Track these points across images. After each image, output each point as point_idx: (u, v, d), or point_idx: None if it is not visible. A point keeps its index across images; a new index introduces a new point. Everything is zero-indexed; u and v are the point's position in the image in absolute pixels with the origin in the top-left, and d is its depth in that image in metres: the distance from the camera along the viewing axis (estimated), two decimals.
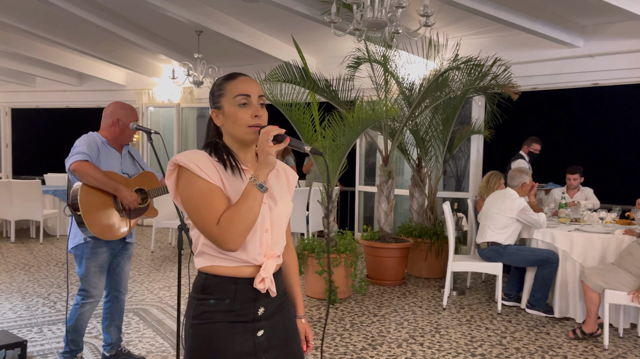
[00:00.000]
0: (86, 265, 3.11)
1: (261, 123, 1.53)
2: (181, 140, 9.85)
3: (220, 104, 1.56)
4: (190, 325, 1.53)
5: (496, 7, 5.26)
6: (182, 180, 1.49)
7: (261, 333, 1.55)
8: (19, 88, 10.72)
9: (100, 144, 3.11)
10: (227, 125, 1.55)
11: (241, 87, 1.54)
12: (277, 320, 1.61)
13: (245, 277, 1.52)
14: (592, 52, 6.12)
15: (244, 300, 1.52)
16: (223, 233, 1.42)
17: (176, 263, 6.54)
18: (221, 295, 1.51)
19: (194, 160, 1.48)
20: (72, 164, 2.93)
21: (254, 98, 1.54)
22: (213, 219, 1.43)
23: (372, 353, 3.71)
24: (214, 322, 1.50)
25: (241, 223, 1.43)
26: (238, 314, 1.52)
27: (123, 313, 3.45)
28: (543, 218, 4.66)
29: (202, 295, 1.52)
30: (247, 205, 1.43)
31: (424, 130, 6.39)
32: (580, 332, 4.05)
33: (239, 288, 1.52)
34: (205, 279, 1.53)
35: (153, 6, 5.70)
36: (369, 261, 5.77)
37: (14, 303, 4.73)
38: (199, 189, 1.46)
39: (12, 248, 7.28)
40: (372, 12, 3.83)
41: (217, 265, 1.52)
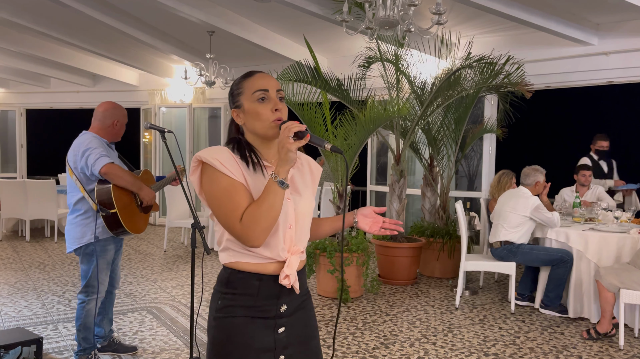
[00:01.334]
0: (97, 261, 3.20)
1: (282, 117, 1.53)
2: (193, 141, 9.90)
3: (240, 102, 1.57)
4: (214, 318, 1.55)
5: (509, 5, 5.22)
6: (205, 177, 1.50)
7: (282, 330, 1.56)
8: (33, 89, 10.85)
9: (105, 145, 3.25)
10: (249, 122, 1.56)
11: (259, 83, 1.55)
12: (298, 318, 1.61)
13: (269, 274, 1.53)
14: (607, 49, 6.06)
15: (267, 297, 1.53)
16: (246, 230, 1.43)
17: (188, 262, 6.58)
18: (245, 290, 1.52)
19: (216, 156, 1.48)
20: (103, 167, 3.05)
21: (272, 92, 1.55)
22: (236, 216, 1.44)
23: (385, 352, 3.71)
24: (235, 316, 1.52)
25: (263, 221, 1.43)
26: (260, 311, 1.53)
27: (113, 306, 3.59)
28: (557, 217, 4.61)
29: (225, 289, 1.54)
30: (268, 202, 1.43)
31: (436, 129, 6.36)
32: (594, 332, 4.01)
33: (263, 284, 1.52)
34: (229, 274, 1.54)
35: (166, 7, 5.74)
36: (380, 260, 5.76)
37: (30, 301, 4.79)
38: (222, 185, 1.46)
39: (27, 247, 7.37)
40: (384, 11, 3.82)
41: (241, 261, 1.53)
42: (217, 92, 9.55)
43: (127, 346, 3.60)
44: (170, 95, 9.91)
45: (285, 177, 1.44)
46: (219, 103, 9.78)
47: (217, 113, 9.95)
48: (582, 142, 7.49)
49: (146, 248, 7.46)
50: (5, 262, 6.38)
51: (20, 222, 8.40)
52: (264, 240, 1.46)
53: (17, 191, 7.65)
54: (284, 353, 1.56)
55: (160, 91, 9.94)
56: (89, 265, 3.21)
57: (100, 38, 7.83)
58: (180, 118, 10.01)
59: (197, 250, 7.13)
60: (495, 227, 4.89)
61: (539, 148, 7.84)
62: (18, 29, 7.54)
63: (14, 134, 11.08)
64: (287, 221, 1.53)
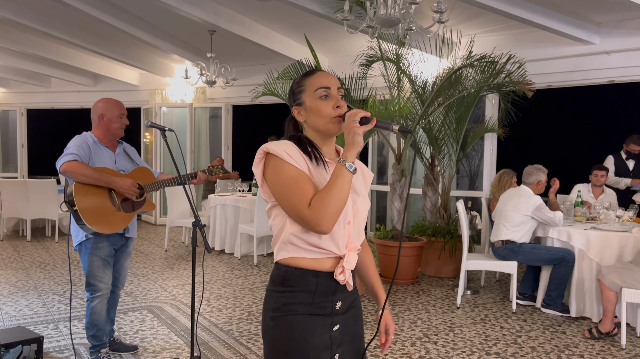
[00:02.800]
0: (89, 259, 3.18)
1: (343, 113, 1.55)
2: (194, 140, 9.90)
3: (302, 100, 1.59)
4: (271, 318, 1.54)
5: (510, 4, 5.21)
6: (270, 167, 1.51)
7: (337, 328, 1.57)
8: (34, 89, 10.85)
9: (91, 144, 3.16)
10: (310, 118, 1.58)
11: (320, 81, 1.58)
12: (350, 316, 1.63)
13: (325, 271, 1.54)
14: (609, 48, 6.04)
15: (323, 293, 1.54)
16: (316, 214, 1.43)
17: (189, 261, 6.57)
18: (303, 287, 1.52)
19: (283, 148, 1.50)
20: (62, 166, 3.00)
21: (334, 90, 1.58)
22: (305, 202, 1.45)
23: (386, 351, 3.69)
24: (295, 314, 1.52)
25: (333, 203, 1.43)
26: (318, 307, 1.54)
27: (117, 306, 3.56)
28: (559, 217, 4.60)
29: (282, 288, 1.54)
30: (337, 185, 1.44)
31: (437, 128, 6.35)
32: (596, 331, 4.00)
33: (320, 281, 1.53)
34: (285, 272, 1.54)
35: (167, 6, 5.74)
36: (382, 259, 5.75)
37: (31, 300, 4.79)
38: (289, 174, 1.48)
39: (28, 247, 7.37)
40: (385, 9, 3.81)
41: (299, 256, 1.53)
42: (218, 92, 9.55)
43: (127, 346, 3.59)
44: (171, 94, 9.91)
45: (353, 161, 1.47)
46: (219, 103, 9.77)
47: (218, 113, 9.95)
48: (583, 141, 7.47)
49: (147, 248, 7.46)
50: (6, 261, 6.38)
51: (21, 222, 8.40)
52: (333, 225, 1.45)
53: (18, 191, 7.65)
54: (338, 351, 1.57)
55: (161, 91, 9.94)
56: (85, 263, 3.21)
57: (102, 37, 7.83)
58: (181, 117, 10.01)
59: (198, 249, 7.13)
60: (496, 226, 4.88)
61: (540, 148, 7.83)
62: (20, 29, 7.54)
63: (15, 134, 11.09)
64: (346, 217, 1.55)
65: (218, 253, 7.03)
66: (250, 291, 5.21)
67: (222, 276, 5.79)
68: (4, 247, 7.32)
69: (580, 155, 6.43)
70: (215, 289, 5.26)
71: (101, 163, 3.16)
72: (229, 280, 5.65)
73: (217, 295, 5.04)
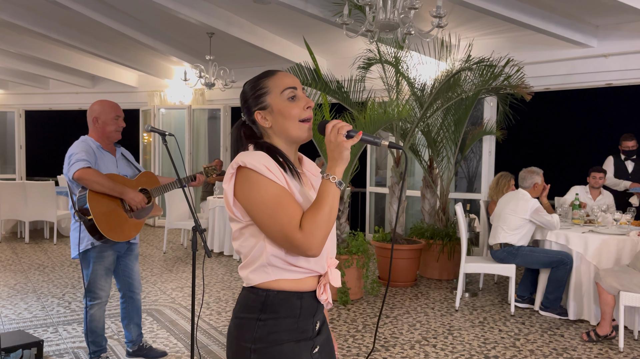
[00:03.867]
0: (93, 268, 3.16)
1: (312, 115, 1.46)
2: (193, 142, 9.90)
3: (266, 103, 1.44)
4: (252, 350, 1.38)
5: (508, 8, 5.23)
6: (248, 184, 1.34)
7: (316, 350, 1.46)
8: (32, 90, 10.84)
9: (95, 149, 3.12)
10: (278, 123, 1.44)
11: (286, 81, 1.45)
12: (324, 333, 1.54)
13: (308, 291, 1.43)
14: (606, 52, 6.07)
15: (307, 316, 1.43)
16: (309, 238, 1.31)
17: (188, 263, 6.57)
18: (287, 312, 1.39)
19: (262, 161, 1.34)
20: (76, 173, 2.93)
21: (300, 90, 1.46)
22: (295, 225, 1.31)
23: (385, 354, 3.71)
24: (282, 344, 1.38)
25: (325, 225, 1.32)
26: (302, 332, 1.42)
27: (140, 311, 3.52)
28: (557, 219, 4.62)
29: (264, 315, 1.38)
30: (328, 204, 1.33)
31: (436, 131, 6.37)
32: (594, 334, 4.02)
33: (304, 303, 1.42)
34: (266, 296, 1.39)
35: (166, 8, 5.74)
36: (380, 262, 5.76)
37: (30, 303, 4.79)
38: (272, 193, 1.33)
39: (26, 249, 7.36)
40: (384, 14, 3.83)
41: (282, 278, 1.39)
42: (216, 94, 9.55)
43: (157, 351, 3.54)
44: (170, 96, 9.91)
45: (341, 177, 1.36)
46: (218, 105, 9.78)
47: (217, 115, 9.95)
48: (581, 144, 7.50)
49: (146, 250, 7.46)
50: (5, 264, 6.38)
51: (19, 224, 8.39)
52: (322, 248, 1.34)
53: (17, 193, 7.64)
54: None
55: (160, 92, 9.94)
56: (88, 271, 3.18)
57: (100, 39, 7.83)
58: (179, 119, 10.01)
59: (198, 252, 7.13)
60: (494, 229, 4.90)
61: (538, 150, 7.86)
62: (18, 31, 7.54)
63: (13, 135, 11.07)
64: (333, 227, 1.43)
65: (217, 256, 7.03)
66: None
67: (221, 279, 5.79)
68: (2, 249, 7.31)
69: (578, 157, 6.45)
70: (214, 292, 5.27)
71: (106, 169, 3.13)
72: (228, 282, 5.66)
73: (217, 298, 5.04)
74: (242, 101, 1.50)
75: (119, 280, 3.39)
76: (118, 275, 3.38)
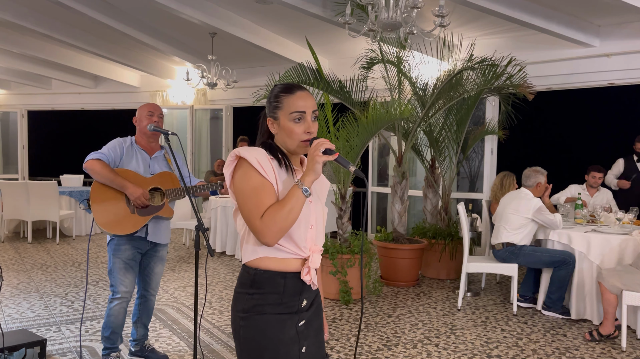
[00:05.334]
0: (112, 259, 3.22)
1: (312, 137, 1.64)
2: (195, 142, 9.91)
3: (277, 115, 1.66)
4: (241, 318, 1.64)
5: (511, 7, 5.23)
6: (240, 172, 1.60)
7: (302, 323, 1.69)
8: (35, 90, 10.87)
9: (127, 146, 3.23)
10: (281, 135, 1.67)
11: (298, 104, 1.64)
12: (313, 311, 1.75)
13: (292, 271, 1.65)
14: (608, 51, 6.06)
15: (291, 294, 1.65)
16: (264, 227, 1.55)
17: (190, 263, 6.58)
18: (271, 289, 1.63)
19: (255, 155, 1.59)
20: (85, 163, 3.11)
21: (309, 114, 1.65)
22: (258, 213, 1.56)
23: (388, 353, 3.71)
24: (264, 314, 1.62)
25: (281, 221, 1.55)
26: (286, 307, 1.65)
27: (151, 313, 3.53)
28: (559, 219, 4.62)
29: (252, 289, 1.63)
30: (290, 205, 1.55)
31: (438, 130, 6.37)
32: (597, 334, 4.02)
33: (287, 282, 1.64)
34: (254, 274, 1.64)
35: (168, 8, 5.75)
36: (382, 262, 5.76)
37: (33, 303, 4.80)
38: (253, 183, 1.58)
39: (29, 249, 7.37)
40: (386, 13, 3.83)
41: (267, 256, 1.63)
42: (218, 94, 9.57)
43: (159, 354, 3.52)
44: (172, 96, 9.92)
45: (309, 186, 1.57)
46: (220, 105, 9.79)
47: (219, 115, 9.97)
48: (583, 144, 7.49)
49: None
50: (8, 263, 6.39)
51: (22, 223, 8.41)
52: (277, 240, 1.58)
53: (19, 193, 7.66)
54: (305, 344, 1.69)
55: (162, 92, 9.96)
56: (109, 262, 3.24)
57: (102, 39, 7.84)
58: (181, 119, 10.03)
59: (200, 252, 7.14)
60: (497, 229, 4.90)
61: (540, 150, 7.84)
62: (20, 31, 7.56)
63: (16, 135, 11.11)
64: (309, 221, 1.66)
65: (219, 255, 7.04)
66: None
67: (224, 279, 5.80)
68: (5, 249, 7.33)
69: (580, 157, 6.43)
70: (216, 291, 5.28)
71: (131, 166, 3.20)
72: (230, 282, 5.66)
73: (219, 297, 5.05)
74: (267, 101, 1.72)
75: (139, 277, 3.41)
76: (138, 273, 3.39)
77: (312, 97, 1.68)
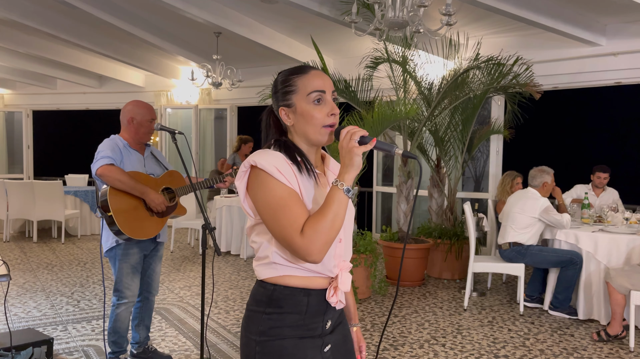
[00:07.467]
0: (119, 266, 3.15)
1: (336, 122, 1.42)
2: (199, 141, 9.91)
3: (291, 101, 1.42)
4: (257, 342, 1.40)
5: (517, 6, 5.21)
6: (257, 183, 1.35)
7: (328, 348, 1.46)
8: (40, 90, 10.89)
9: (122, 147, 3.13)
10: (300, 124, 1.42)
11: (316, 83, 1.40)
12: (338, 333, 1.52)
13: (317, 289, 1.42)
14: (615, 50, 6.03)
15: (314, 313, 1.42)
16: (308, 243, 1.29)
17: (195, 263, 6.59)
18: (292, 308, 1.39)
19: (273, 162, 1.34)
20: (99, 169, 2.96)
21: (329, 94, 1.42)
22: (296, 228, 1.30)
23: (394, 353, 3.70)
24: (283, 338, 1.39)
25: (327, 232, 1.29)
26: (308, 329, 1.41)
27: (152, 313, 3.51)
28: (567, 219, 4.59)
29: (270, 309, 1.40)
30: (332, 211, 1.30)
31: (443, 130, 6.35)
32: (605, 334, 3.99)
33: (311, 300, 1.41)
34: (273, 290, 1.40)
35: (174, 8, 5.75)
36: (388, 261, 5.75)
37: (39, 302, 4.80)
38: (278, 194, 1.33)
39: (34, 248, 7.39)
40: (393, 12, 3.82)
41: (288, 275, 1.40)
42: (223, 93, 9.57)
43: (161, 355, 3.51)
44: (177, 96, 9.93)
45: (351, 184, 1.33)
46: (225, 104, 9.79)
47: (223, 114, 9.97)
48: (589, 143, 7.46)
49: None
50: (13, 263, 6.40)
51: (27, 223, 8.43)
52: (324, 254, 1.31)
53: (25, 192, 7.68)
54: None
55: (167, 92, 9.97)
56: (115, 269, 3.17)
57: (107, 39, 7.85)
58: (186, 119, 10.03)
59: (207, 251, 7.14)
60: (503, 228, 4.88)
61: (546, 149, 7.82)
62: (26, 31, 7.57)
63: (21, 135, 11.13)
64: (338, 235, 1.38)
65: (224, 255, 7.04)
66: None
67: (229, 278, 5.80)
68: (10, 248, 7.34)
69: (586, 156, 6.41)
70: (222, 291, 5.27)
71: (131, 167, 3.11)
72: (235, 281, 5.66)
73: (224, 297, 5.04)
74: (272, 91, 1.48)
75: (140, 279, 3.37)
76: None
77: (328, 76, 1.43)
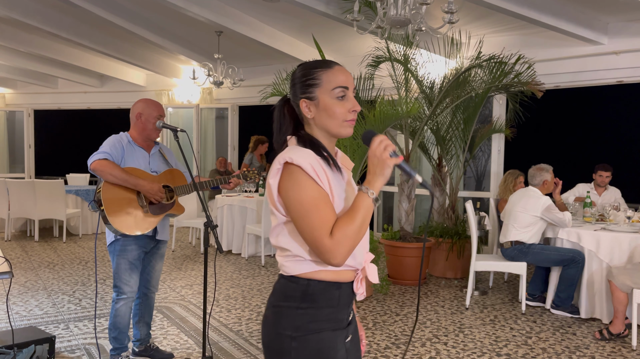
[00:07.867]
0: (117, 261, 3.16)
1: (355, 118, 1.46)
2: (200, 141, 9.91)
3: (314, 95, 1.44)
4: (292, 337, 1.41)
5: (519, 4, 5.20)
6: (291, 181, 1.36)
7: (349, 339, 1.51)
8: (41, 89, 10.90)
9: (126, 144, 3.14)
10: (321, 118, 1.44)
11: (340, 79, 1.43)
12: (353, 323, 1.58)
13: (346, 282, 1.46)
14: (617, 49, 6.02)
15: (343, 306, 1.47)
16: (337, 246, 1.33)
17: (196, 261, 6.59)
18: (327, 302, 1.43)
19: (309, 160, 1.36)
20: (92, 164, 3.00)
21: (351, 90, 1.45)
22: (326, 230, 1.33)
23: (396, 352, 3.70)
24: (320, 332, 1.41)
25: (354, 237, 1.34)
26: (339, 321, 1.46)
27: (152, 311, 3.50)
28: (569, 217, 4.59)
29: (305, 304, 1.41)
30: (361, 216, 1.34)
31: (445, 129, 6.34)
32: (607, 333, 3.99)
33: (342, 293, 1.45)
34: (307, 285, 1.42)
35: (175, 6, 5.75)
36: (389, 260, 5.74)
37: (40, 300, 4.81)
38: (311, 194, 1.35)
39: (36, 247, 7.39)
40: (395, 10, 3.81)
41: (320, 269, 1.42)
42: (224, 93, 9.57)
43: (163, 353, 3.51)
44: (178, 95, 9.93)
45: (378, 193, 1.37)
46: (226, 104, 9.79)
47: (224, 114, 9.97)
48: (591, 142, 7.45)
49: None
50: (15, 262, 6.41)
51: (28, 222, 8.43)
52: (347, 258, 1.36)
53: (26, 191, 7.68)
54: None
55: (168, 91, 9.97)
56: (113, 264, 3.19)
57: (109, 38, 7.85)
58: (187, 118, 10.03)
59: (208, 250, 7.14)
60: (505, 227, 4.87)
61: (548, 148, 7.82)
62: (27, 30, 7.58)
63: (22, 134, 11.13)
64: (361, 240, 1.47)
65: (225, 254, 7.04)
66: (259, 291, 5.21)
67: (230, 277, 5.80)
68: (12, 247, 7.35)
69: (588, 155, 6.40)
70: (223, 289, 5.27)
71: (133, 164, 3.11)
72: (237, 280, 5.66)
73: (226, 296, 5.04)
74: (291, 82, 1.49)
75: (140, 276, 3.36)
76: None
77: (350, 73, 1.47)
